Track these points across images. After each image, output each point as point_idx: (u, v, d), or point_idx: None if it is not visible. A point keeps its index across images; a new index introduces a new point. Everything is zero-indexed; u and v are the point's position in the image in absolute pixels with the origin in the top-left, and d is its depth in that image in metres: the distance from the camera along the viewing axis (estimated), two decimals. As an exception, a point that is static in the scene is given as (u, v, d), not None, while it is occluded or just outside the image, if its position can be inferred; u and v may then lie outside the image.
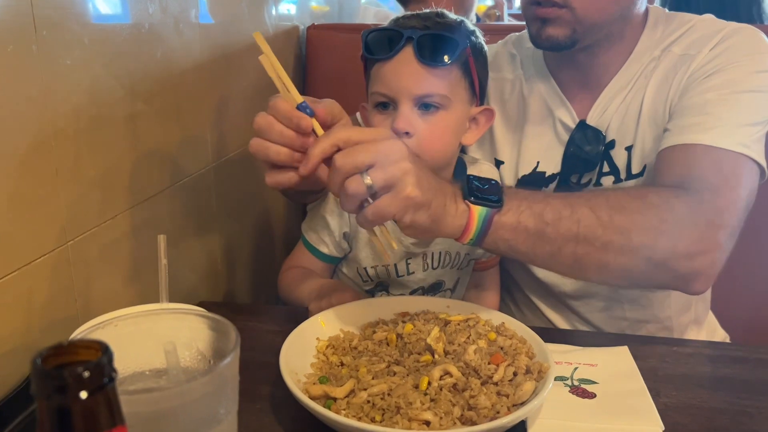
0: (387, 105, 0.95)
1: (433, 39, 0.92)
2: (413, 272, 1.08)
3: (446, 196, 0.76)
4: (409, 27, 0.93)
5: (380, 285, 1.10)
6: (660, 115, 1.01)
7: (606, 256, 0.81)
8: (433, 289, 1.11)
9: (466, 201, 0.77)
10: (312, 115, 0.75)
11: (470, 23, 1.00)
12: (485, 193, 0.78)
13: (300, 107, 0.75)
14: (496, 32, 1.20)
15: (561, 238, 0.80)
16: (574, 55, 1.03)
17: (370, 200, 0.71)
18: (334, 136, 0.72)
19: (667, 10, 1.08)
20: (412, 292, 1.10)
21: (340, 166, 0.70)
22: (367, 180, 0.69)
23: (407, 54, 0.92)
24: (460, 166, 1.08)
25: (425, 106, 0.94)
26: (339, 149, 0.72)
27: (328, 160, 0.73)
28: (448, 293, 1.13)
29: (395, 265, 1.07)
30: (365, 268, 1.08)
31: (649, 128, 1.02)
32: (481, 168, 1.11)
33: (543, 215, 0.79)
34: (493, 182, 0.80)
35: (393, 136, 0.75)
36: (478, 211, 0.77)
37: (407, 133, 0.93)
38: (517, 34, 1.20)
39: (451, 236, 0.78)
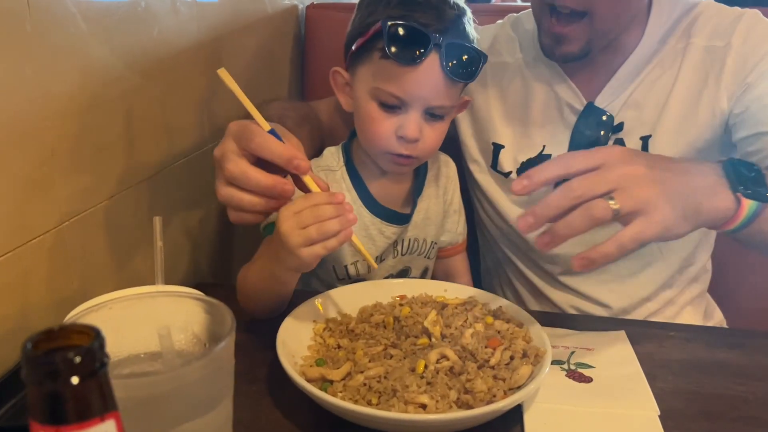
0: (395, 106, 0.92)
1: (459, 51, 0.90)
2: (384, 259, 1.06)
3: (699, 194, 0.71)
4: (430, 27, 0.88)
5: (356, 280, 1.07)
6: (701, 112, 1.00)
7: None
8: (400, 276, 1.09)
9: (737, 194, 0.72)
10: (279, 140, 0.72)
11: (469, 12, 0.96)
12: (755, 183, 0.72)
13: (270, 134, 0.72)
14: (491, 13, 1.19)
15: None
16: None
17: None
18: (563, 164, 0.69)
19: None
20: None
21: (581, 194, 0.67)
22: (615, 205, 0.66)
23: (432, 62, 0.89)
24: None
25: (432, 114, 0.93)
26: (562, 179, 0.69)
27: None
28: None
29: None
30: (345, 266, 1.04)
31: (676, 122, 1.02)
32: (440, 158, 1.10)
33: None
34: (755, 167, 0.73)
35: (622, 160, 0.69)
36: (749, 205, 0.72)
37: (416, 140, 0.92)
38: (515, 15, 1.18)
39: (710, 227, 0.75)
